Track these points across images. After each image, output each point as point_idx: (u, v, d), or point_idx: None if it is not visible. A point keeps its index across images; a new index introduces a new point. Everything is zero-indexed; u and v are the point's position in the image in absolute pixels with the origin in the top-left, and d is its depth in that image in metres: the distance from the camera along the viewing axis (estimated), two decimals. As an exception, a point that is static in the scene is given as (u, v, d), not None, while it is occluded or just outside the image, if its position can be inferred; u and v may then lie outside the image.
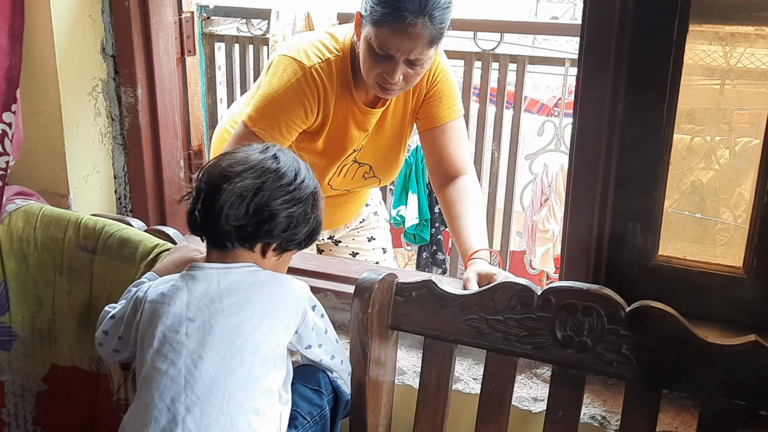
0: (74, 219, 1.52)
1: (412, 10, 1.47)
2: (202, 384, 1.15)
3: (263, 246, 1.23)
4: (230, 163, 1.21)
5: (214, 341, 1.17)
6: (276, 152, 1.25)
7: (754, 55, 1.35)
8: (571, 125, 1.40)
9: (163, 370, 1.16)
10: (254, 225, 1.19)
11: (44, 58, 1.66)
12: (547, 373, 1.48)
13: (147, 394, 1.17)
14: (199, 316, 1.18)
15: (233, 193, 1.17)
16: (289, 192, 1.21)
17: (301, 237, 1.25)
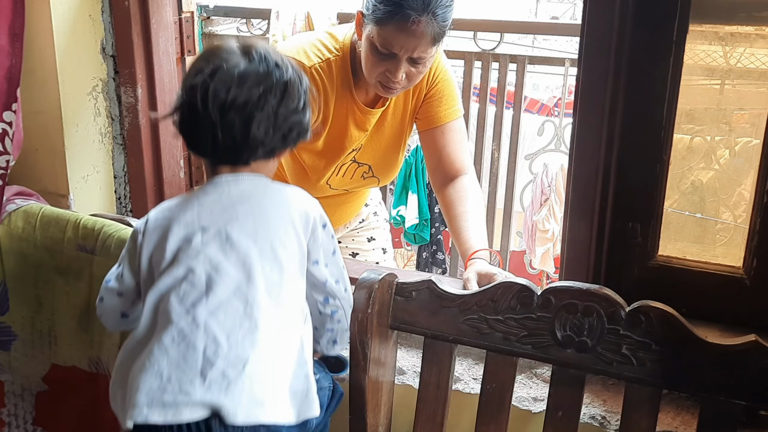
0: (74, 219, 1.52)
1: (416, 8, 1.47)
2: (224, 288, 1.11)
3: (281, 153, 1.22)
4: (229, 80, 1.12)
5: (232, 248, 1.13)
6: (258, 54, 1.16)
7: (754, 55, 1.35)
8: (571, 125, 1.40)
9: (181, 276, 1.12)
10: (280, 139, 1.18)
11: (44, 58, 1.66)
12: (547, 373, 1.48)
13: (164, 302, 1.12)
14: (213, 224, 1.15)
15: (263, 119, 1.13)
16: (298, 98, 1.18)
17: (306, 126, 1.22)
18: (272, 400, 1.10)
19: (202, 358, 1.08)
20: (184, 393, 1.07)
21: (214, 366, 1.08)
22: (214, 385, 1.07)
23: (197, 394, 1.07)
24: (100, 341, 1.53)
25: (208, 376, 1.07)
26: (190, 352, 1.09)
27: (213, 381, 1.07)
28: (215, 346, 1.09)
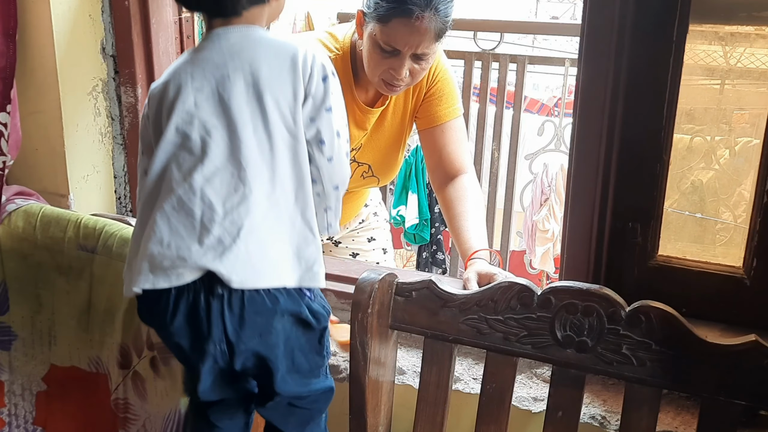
0: (74, 219, 1.52)
1: (419, 4, 1.48)
2: (219, 153, 1.09)
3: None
4: None
5: (225, 110, 1.10)
6: None
7: (754, 55, 1.35)
8: (571, 125, 1.40)
9: (178, 143, 1.11)
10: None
11: (44, 58, 1.66)
12: (547, 373, 1.48)
13: (166, 170, 1.11)
14: (206, 84, 1.12)
15: None
16: None
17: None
18: (270, 265, 1.10)
19: (199, 224, 1.08)
20: (181, 258, 1.08)
21: (211, 232, 1.08)
22: (209, 252, 1.08)
23: (193, 258, 1.08)
24: (101, 341, 1.53)
25: (204, 242, 1.08)
26: (188, 219, 1.09)
27: (209, 247, 1.08)
28: (211, 213, 1.08)
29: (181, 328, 1.12)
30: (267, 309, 1.11)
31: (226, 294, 1.09)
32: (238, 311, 1.10)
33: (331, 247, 2.11)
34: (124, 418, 1.53)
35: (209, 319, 1.10)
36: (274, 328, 1.14)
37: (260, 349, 1.15)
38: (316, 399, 1.27)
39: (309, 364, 1.23)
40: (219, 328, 1.11)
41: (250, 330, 1.12)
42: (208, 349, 1.12)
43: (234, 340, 1.12)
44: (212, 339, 1.11)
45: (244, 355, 1.14)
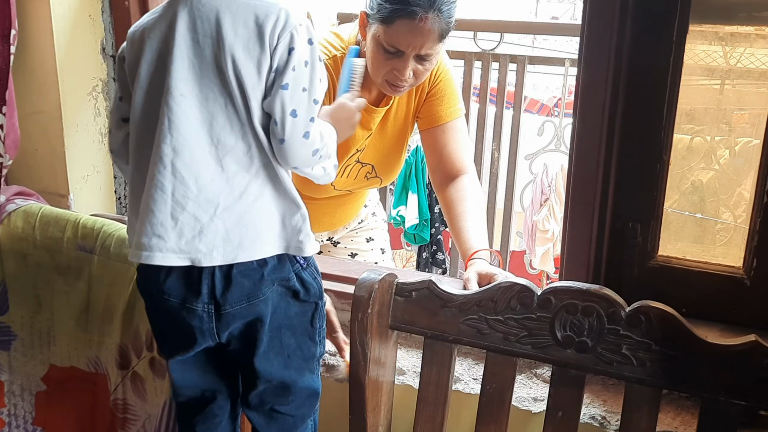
0: (73, 219, 1.52)
1: (422, 5, 1.48)
2: (187, 124, 1.05)
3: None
4: None
5: (194, 77, 1.06)
6: None
7: (754, 55, 1.35)
8: (571, 125, 1.40)
9: (147, 111, 1.09)
10: None
11: (44, 58, 1.66)
12: (547, 373, 1.48)
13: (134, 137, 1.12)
14: (178, 47, 1.06)
15: None
16: None
17: None
18: (252, 238, 1.11)
19: (171, 200, 1.08)
20: (157, 236, 1.09)
21: (185, 209, 1.08)
22: (186, 230, 1.08)
23: (171, 239, 1.09)
24: (99, 341, 1.53)
25: (179, 219, 1.08)
26: (159, 193, 1.08)
27: (185, 225, 1.08)
28: (184, 189, 1.07)
29: (174, 286, 1.13)
30: (254, 271, 1.12)
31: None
32: (227, 271, 1.11)
33: (330, 248, 2.11)
34: (123, 418, 1.53)
35: (200, 278, 1.11)
36: (263, 293, 1.14)
37: (247, 314, 1.15)
38: (300, 404, 1.26)
39: (299, 347, 1.22)
40: (207, 287, 1.12)
41: (237, 292, 1.12)
42: (196, 309, 1.13)
43: (221, 301, 1.12)
44: (201, 298, 1.12)
45: (230, 321, 1.14)
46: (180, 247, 1.09)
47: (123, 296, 1.46)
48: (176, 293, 1.14)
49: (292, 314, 1.20)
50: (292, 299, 1.19)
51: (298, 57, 1.07)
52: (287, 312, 1.19)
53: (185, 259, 1.10)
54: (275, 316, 1.18)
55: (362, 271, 1.40)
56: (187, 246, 1.09)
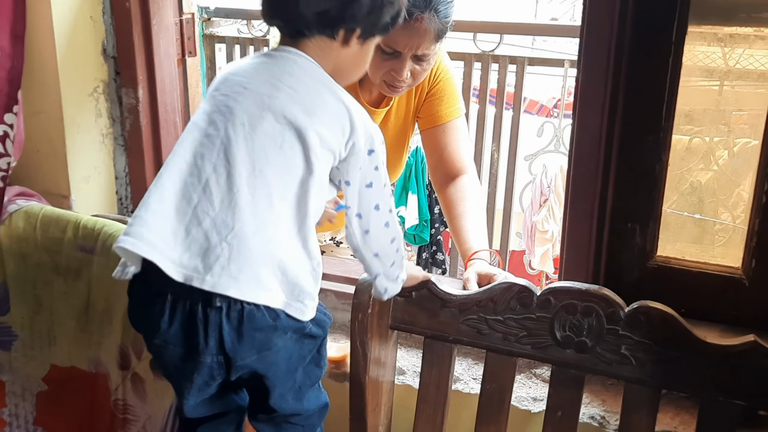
0: (74, 219, 1.53)
1: (419, 5, 1.48)
2: (237, 153, 1.07)
3: (346, 32, 1.14)
4: None
5: (264, 118, 1.08)
6: None
7: (753, 56, 1.35)
8: (571, 126, 1.40)
9: (201, 128, 1.10)
10: (337, 8, 1.11)
11: (45, 59, 1.66)
12: (546, 373, 1.48)
13: (179, 146, 1.11)
14: (256, 87, 1.11)
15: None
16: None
17: (387, 19, 1.16)
18: (253, 278, 1.06)
19: (191, 213, 1.07)
20: (165, 242, 1.05)
21: (201, 225, 1.06)
22: (194, 246, 1.05)
23: (177, 251, 1.05)
24: (99, 341, 1.53)
25: (191, 233, 1.06)
26: (183, 203, 1.07)
27: (194, 241, 1.06)
28: (207, 205, 1.06)
29: (177, 336, 1.08)
30: (267, 326, 1.08)
31: (224, 306, 1.05)
32: (236, 325, 1.06)
33: (333, 248, 2.11)
34: (123, 419, 1.53)
35: (206, 330, 1.06)
36: (275, 344, 1.11)
37: (257, 366, 1.12)
38: (310, 416, 1.26)
39: (308, 376, 1.21)
40: (215, 340, 1.07)
41: (248, 345, 1.08)
42: (204, 361, 1.09)
43: (232, 354, 1.08)
44: (209, 350, 1.08)
45: (241, 370, 1.12)
46: (182, 261, 1.05)
47: (123, 297, 1.45)
48: (180, 343, 1.09)
49: (306, 352, 1.18)
50: (306, 339, 1.16)
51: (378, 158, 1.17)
52: (301, 353, 1.17)
53: (179, 274, 1.05)
54: (291, 362, 1.15)
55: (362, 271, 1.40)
56: (188, 261, 1.05)
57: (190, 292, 1.05)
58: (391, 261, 1.22)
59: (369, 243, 1.18)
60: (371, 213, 1.16)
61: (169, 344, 1.10)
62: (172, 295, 1.07)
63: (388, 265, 1.22)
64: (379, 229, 1.18)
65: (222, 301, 1.05)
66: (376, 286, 1.25)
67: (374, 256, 1.20)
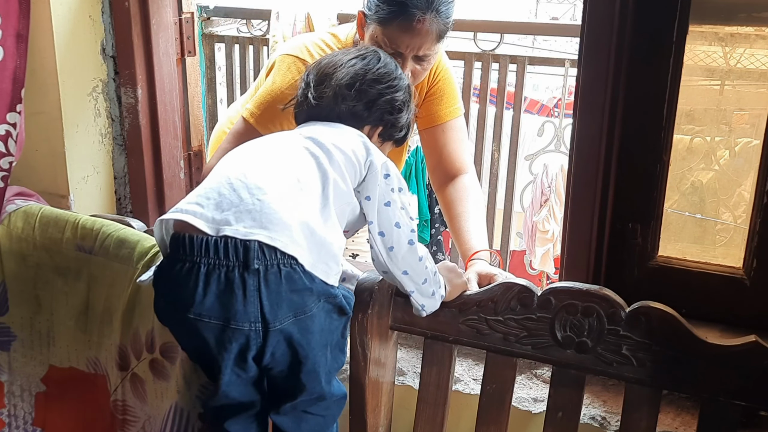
0: (72, 219, 1.52)
1: (420, 6, 1.48)
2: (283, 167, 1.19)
3: (370, 130, 1.33)
4: (335, 58, 1.35)
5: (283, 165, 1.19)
6: (375, 48, 1.40)
7: (753, 56, 1.35)
8: (571, 126, 1.40)
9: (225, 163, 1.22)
10: (363, 106, 1.31)
11: (44, 59, 1.66)
12: (547, 374, 1.48)
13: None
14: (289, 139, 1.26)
15: (346, 76, 1.31)
16: (392, 78, 1.34)
17: (403, 123, 1.36)
18: (280, 226, 1.10)
19: (225, 180, 1.15)
20: (199, 206, 1.12)
21: (234, 187, 1.13)
22: (224, 203, 1.11)
23: (209, 210, 1.11)
24: (99, 342, 1.53)
25: (224, 194, 1.12)
26: (220, 176, 1.16)
27: (225, 198, 1.12)
28: (242, 173, 1.15)
29: (213, 306, 1.09)
30: (305, 287, 1.11)
31: (262, 269, 1.08)
32: (275, 287, 1.09)
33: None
34: (123, 419, 1.53)
35: (245, 295, 1.08)
36: (310, 309, 1.13)
37: (293, 331, 1.12)
38: (329, 405, 1.26)
39: (335, 359, 1.24)
40: (255, 306, 1.09)
41: (286, 307, 1.10)
42: (243, 328, 1.09)
43: (270, 318, 1.09)
44: (248, 317, 1.09)
45: (276, 338, 1.12)
46: (214, 217, 1.10)
47: (122, 297, 1.46)
48: (216, 314, 1.09)
49: (333, 328, 1.20)
50: (336, 314, 1.19)
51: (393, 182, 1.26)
52: (330, 328, 1.19)
53: (211, 229, 1.09)
54: (323, 334, 1.17)
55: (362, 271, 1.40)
56: (220, 216, 1.10)
57: (225, 258, 1.08)
58: (422, 278, 1.26)
59: (395, 260, 1.23)
60: (393, 230, 1.23)
61: (203, 317, 1.10)
62: (205, 266, 1.08)
63: (420, 282, 1.27)
64: (403, 246, 1.23)
65: (259, 263, 1.08)
66: (413, 303, 1.30)
67: (403, 273, 1.25)
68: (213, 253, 1.08)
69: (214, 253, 1.08)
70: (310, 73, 1.36)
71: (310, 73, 1.36)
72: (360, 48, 1.39)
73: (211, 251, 1.08)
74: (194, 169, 2.17)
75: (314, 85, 1.33)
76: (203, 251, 1.08)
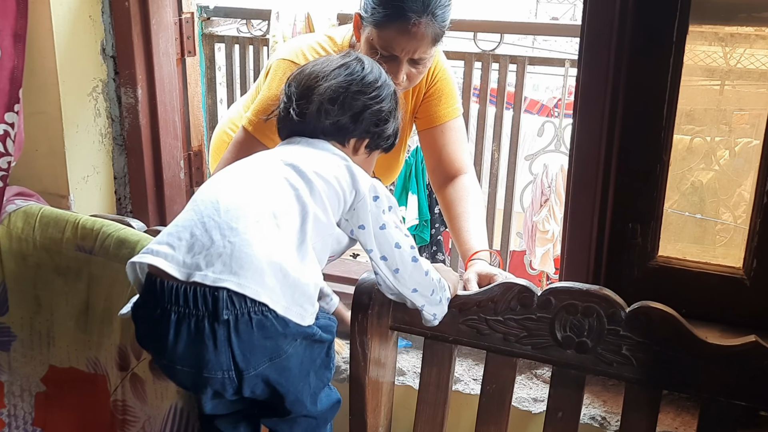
0: (72, 219, 1.52)
1: (416, 10, 1.48)
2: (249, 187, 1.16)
3: (356, 142, 1.29)
4: (316, 67, 1.29)
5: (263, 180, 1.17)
6: (357, 55, 1.34)
7: (753, 56, 1.35)
8: (571, 126, 1.40)
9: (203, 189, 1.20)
10: (349, 119, 1.26)
11: (44, 59, 1.66)
12: (547, 374, 1.48)
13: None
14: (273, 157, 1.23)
15: (329, 89, 1.25)
16: (376, 88, 1.29)
17: (390, 133, 1.31)
18: (252, 271, 1.06)
19: (198, 219, 1.11)
20: (171, 248, 1.09)
21: (206, 227, 1.09)
22: (197, 246, 1.08)
23: (181, 252, 1.08)
24: (99, 342, 1.52)
25: (196, 234, 1.09)
26: (193, 214, 1.12)
27: (197, 240, 1.08)
28: (214, 212, 1.11)
29: (184, 355, 1.07)
30: (277, 333, 1.08)
31: (232, 319, 1.05)
32: (247, 336, 1.06)
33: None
34: (123, 419, 1.53)
35: (216, 345, 1.05)
36: (285, 351, 1.11)
37: (269, 373, 1.11)
38: (321, 413, 1.27)
39: (320, 380, 1.23)
40: (227, 355, 1.06)
41: (259, 355, 1.08)
42: (215, 377, 1.08)
43: (243, 366, 1.08)
44: (220, 366, 1.07)
45: (253, 381, 1.11)
46: (185, 261, 1.07)
47: (122, 297, 1.46)
48: (188, 362, 1.08)
49: (315, 356, 1.19)
50: (315, 344, 1.18)
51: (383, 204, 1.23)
52: (312, 357, 1.18)
53: (182, 273, 1.06)
54: (303, 366, 1.16)
55: (362, 271, 1.40)
56: (191, 261, 1.07)
57: (195, 308, 1.05)
58: (430, 290, 1.26)
59: (403, 281, 1.23)
60: (394, 252, 1.21)
61: (176, 363, 1.09)
62: (176, 314, 1.06)
63: (429, 295, 1.27)
64: (408, 265, 1.22)
65: (229, 313, 1.05)
66: (424, 316, 1.30)
67: (413, 291, 1.25)
68: (183, 302, 1.05)
69: (183, 301, 1.05)
70: (291, 84, 1.30)
71: (292, 84, 1.30)
72: (344, 54, 1.34)
73: (181, 299, 1.05)
74: (194, 169, 2.17)
75: (296, 99, 1.28)
76: (173, 299, 1.06)
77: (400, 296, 1.26)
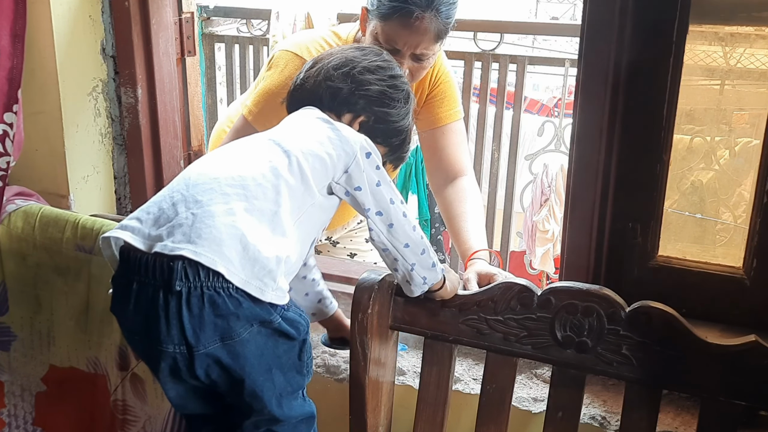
0: (72, 219, 1.52)
1: (420, 4, 1.48)
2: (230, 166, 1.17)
3: (352, 118, 1.28)
4: (332, 49, 1.35)
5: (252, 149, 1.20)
6: (377, 48, 1.38)
7: (754, 56, 1.35)
8: (571, 125, 1.40)
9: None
10: (348, 89, 1.27)
11: (44, 59, 1.66)
12: (547, 374, 1.48)
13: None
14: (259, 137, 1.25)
15: (338, 59, 1.29)
16: (387, 75, 1.30)
17: (394, 127, 1.31)
18: (210, 240, 1.05)
19: (167, 193, 1.13)
20: (139, 222, 1.11)
21: (173, 201, 1.11)
22: (162, 218, 1.09)
23: (147, 226, 1.09)
24: (99, 342, 1.53)
25: (163, 208, 1.10)
26: (165, 190, 1.15)
27: (163, 213, 1.10)
28: (183, 185, 1.13)
29: (140, 325, 1.08)
30: (229, 312, 1.06)
31: (185, 291, 1.04)
32: (198, 311, 1.05)
33: (329, 248, 2.11)
34: (123, 419, 1.53)
35: (167, 318, 1.05)
36: (238, 334, 1.09)
37: (222, 355, 1.09)
38: (293, 426, 1.22)
39: (288, 383, 1.19)
40: (177, 329, 1.06)
41: (210, 332, 1.06)
42: (167, 350, 1.07)
43: (193, 342, 1.06)
44: (171, 339, 1.06)
45: (204, 361, 1.09)
46: (150, 233, 1.08)
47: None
48: (143, 334, 1.09)
49: (281, 353, 1.16)
50: (280, 338, 1.14)
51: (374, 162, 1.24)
52: (275, 352, 1.15)
53: (144, 245, 1.07)
54: (263, 359, 1.13)
55: (362, 271, 1.40)
56: (155, 233, 1.08)
57: (152, 278, 1.06)
58: (421, 248, 1.25)
59: (396, 235, 1.23)
60: (389, 207, 1.22)
61: (134, 334, 1.11)
62: (137, 284, 1.07)
63: (419, 253, 1.25)
64: (400, 220, 1.23)
65: (182, 285, 1.04)
66: (414, 279, 1.27)
67: (405, 246, 1.24)
68: (144, 271, 1.06)
69: (144, 271, 1.06)
70: (306, 64, 1.36)
71: (307, 64, 1.36)
72: (363, 45, 1.38)
73: (142, 269, 1.06)
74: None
75: (305, 70, 1.33)
76: (136, 269, 1.07)
77: (392, 253, 1.24)
